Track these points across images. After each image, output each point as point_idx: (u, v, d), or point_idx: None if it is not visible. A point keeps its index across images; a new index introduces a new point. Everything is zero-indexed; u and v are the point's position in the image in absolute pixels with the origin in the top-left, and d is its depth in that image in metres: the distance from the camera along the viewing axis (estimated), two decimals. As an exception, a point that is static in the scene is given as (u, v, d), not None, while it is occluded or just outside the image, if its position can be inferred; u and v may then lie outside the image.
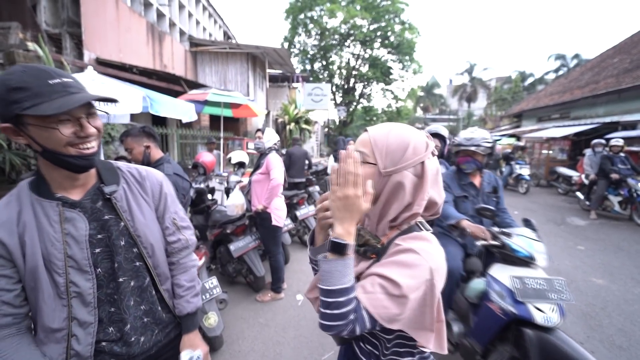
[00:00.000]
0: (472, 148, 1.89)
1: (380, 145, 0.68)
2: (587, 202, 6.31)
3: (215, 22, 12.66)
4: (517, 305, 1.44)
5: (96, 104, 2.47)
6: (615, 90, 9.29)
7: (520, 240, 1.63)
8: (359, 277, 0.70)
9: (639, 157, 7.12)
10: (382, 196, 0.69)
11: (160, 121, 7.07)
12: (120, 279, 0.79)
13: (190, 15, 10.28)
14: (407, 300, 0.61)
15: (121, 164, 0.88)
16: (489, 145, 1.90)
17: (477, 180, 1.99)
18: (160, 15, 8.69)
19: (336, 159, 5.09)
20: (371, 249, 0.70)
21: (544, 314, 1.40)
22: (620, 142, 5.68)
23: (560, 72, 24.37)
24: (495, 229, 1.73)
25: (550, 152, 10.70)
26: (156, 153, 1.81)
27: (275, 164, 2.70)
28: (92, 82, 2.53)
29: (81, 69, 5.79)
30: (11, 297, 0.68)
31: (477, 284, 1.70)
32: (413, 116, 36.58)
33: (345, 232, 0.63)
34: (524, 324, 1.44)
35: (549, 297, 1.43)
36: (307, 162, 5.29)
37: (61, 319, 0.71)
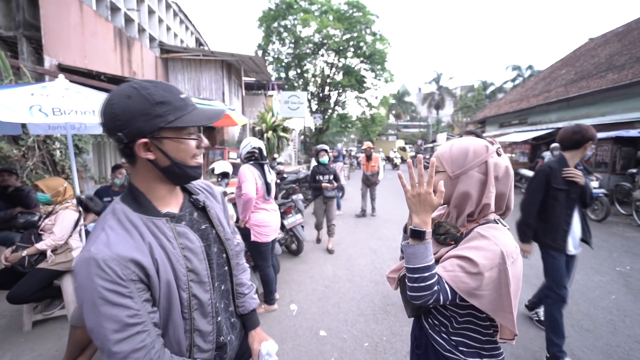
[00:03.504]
0: None
1: (446, 156, 0.86)
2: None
3: (187, 28, 12.35)
4: None
5: (74, 116, 2.30)
6: (565, 98, 10.34)
7: None
8: (437, 261, 0.82)
9: (589, 159, 7.96)
10: (455, 194, 0.84)
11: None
12: (216, 284, 0.81)
13: (160, 21, 9.95)
14: (482, 277, 0.72)
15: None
16: None
17: None
18: (128, 20, 8.32)
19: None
20: (450, 237, 0.84)
21: None
22: None
23: (517, 82, 26.65)
24: None
25: (513, 155, 11.60)
26: None
27: (246, 176, 2.47)
28: (66, 91, 2.36)
29: (42, 75, 5.37)
30: (157, 319, 0.67)
31: None
32: (386, 123, 37.85)
33: (422, 221, 0.77)
34: None
35: None
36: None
37: (183, 333, 0.72)
